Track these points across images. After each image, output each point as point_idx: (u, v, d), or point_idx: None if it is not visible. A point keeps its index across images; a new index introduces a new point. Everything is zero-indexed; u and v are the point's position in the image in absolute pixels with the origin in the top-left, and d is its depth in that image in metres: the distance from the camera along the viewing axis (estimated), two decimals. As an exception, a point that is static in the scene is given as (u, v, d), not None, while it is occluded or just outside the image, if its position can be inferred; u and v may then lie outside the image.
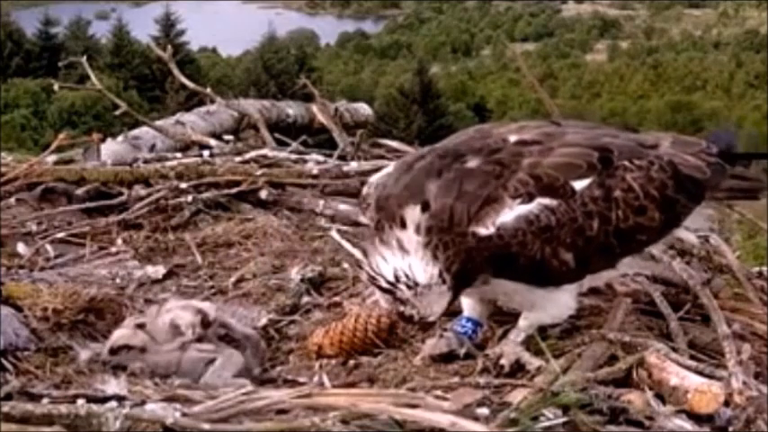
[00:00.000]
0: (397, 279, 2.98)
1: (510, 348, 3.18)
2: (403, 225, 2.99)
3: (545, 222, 3.02)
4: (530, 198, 3.02)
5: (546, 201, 3.04)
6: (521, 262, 3.03)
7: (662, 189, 3.22)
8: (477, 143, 3.17)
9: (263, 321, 3.65)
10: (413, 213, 2.99)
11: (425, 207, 2.99)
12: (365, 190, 3.31)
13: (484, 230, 2.99)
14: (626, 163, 3.19)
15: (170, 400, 2.73)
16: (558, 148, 3.14)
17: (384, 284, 3.00)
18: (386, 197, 3.09)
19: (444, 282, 3.00)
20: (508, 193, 3.02)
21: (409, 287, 2.98)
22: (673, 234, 3.50)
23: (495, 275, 3.10)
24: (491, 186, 3.02)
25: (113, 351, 3.22)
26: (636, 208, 3.17)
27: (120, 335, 3.26)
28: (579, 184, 3.10)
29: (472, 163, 3.08)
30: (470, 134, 3.28)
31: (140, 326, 3.29)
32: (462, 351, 3.28)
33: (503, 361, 3.14)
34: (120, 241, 4.39)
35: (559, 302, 3.27)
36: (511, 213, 3.00)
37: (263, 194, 4.81)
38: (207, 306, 3.43)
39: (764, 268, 4.28)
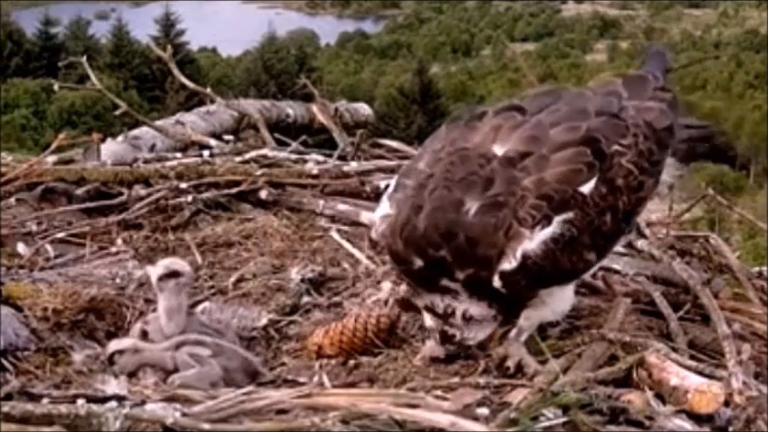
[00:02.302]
0: (454, 312, 3.15)
1: (514, 350, 3.19)
2: (444, 292, 3.12)
3: (568, 236, 3.07)
4: (548, 221, 3.05)
5: (563, 216, 3.07)
6: (552, 276, 3.11)
7: (650, 156, 3.31)
8: (463, 172, 3.13)
9: (263, 321, 3.65)
10: (446, 283, 3.09)
11: (453, 278, 3.07)
12: (372, 232, 3.30)
13: (508, 266, 3.03)
14: (617, 147, 3.23)
15: (170, 400, 2.73)
16: (551, 154, 3.13)
17: (440, 312, 3.17)
18: (404, 261, 3.13)
19: (496, 319, 3.19)
20: (526, 225, 3.03)
21: (464, 318, 3.16)
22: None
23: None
24: (500, 235, 3.03)
25: (111, 361, 3.24)
26: (635, 187, 3.26)
27: (111, 344, 3.30)
28: (586, 188, 3.12)
29: (472, 210, 3.05)
30: (449, 154, 3.21)
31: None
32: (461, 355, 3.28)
33: (508, 363, 3.15)
34: (120, 241, 4.39)
35: (563, 297, 3.30)
36: (534, 241, 3.03)
37: (263, 194, 4.80)
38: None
39: (764, 268, 4.28)
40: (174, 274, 3.40)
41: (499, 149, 3.16)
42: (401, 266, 3.18)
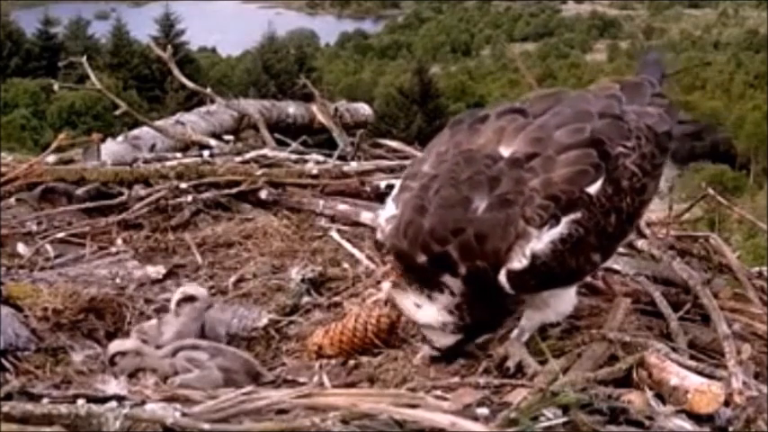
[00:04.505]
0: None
1: (515, 350, 3.19)
2: (440, 290, 3.10)
3: (576, 236, 3.07)
4: (557, 221, 3.05)
5: (571, 216, 3.07)
6: (559, 277, 3.11)
7: (652, 159, 3.31)
8: (469, 172, 3.11)
9: (264, 321, 3.65)
10: (445, 279, 3.08)
11: (455, 273, 3.05)
12: (378, 234, 3.29)
13: (518, 265, 3.02)
14: (620, 149, 3.23)
15: (170, 400, 2.73)
16: (557, 155, 3.12)
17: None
18: (407, 257, 3.11)
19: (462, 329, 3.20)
20: (534, 224, 3.02)
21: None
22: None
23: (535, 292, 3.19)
24: (510, 230, 3.02)
25: (112, 361, 3.24)
26: (638, 189, 3.26)
27: (113, 345, 3.30)
28: (593, 189, 3.12)
29: (481, 207, 3.05)
30: (453, 156, 3.20)
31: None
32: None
33: (508, 363, 3.15)
34: (120, 241, 4.39)
35: (566, 299, 3.31)
36: (542, 241, 3.03)
37: (263, 194, 4.80)
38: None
39: (764, 268, 4.28)
40: (190, 299, 3.50)
41: (505, 151, 3.15)
42: (403, 263, 3.16)
